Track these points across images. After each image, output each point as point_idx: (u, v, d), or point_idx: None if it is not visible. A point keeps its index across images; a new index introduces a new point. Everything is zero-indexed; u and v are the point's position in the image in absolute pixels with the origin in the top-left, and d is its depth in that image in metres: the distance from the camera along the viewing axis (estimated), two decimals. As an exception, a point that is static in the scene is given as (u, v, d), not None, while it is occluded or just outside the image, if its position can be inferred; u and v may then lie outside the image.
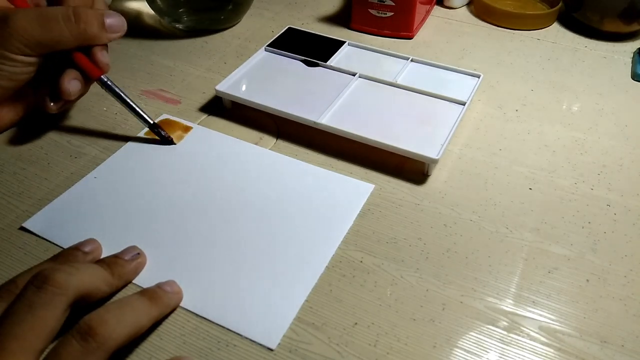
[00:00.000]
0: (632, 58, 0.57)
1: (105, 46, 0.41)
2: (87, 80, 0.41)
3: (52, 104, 0.40)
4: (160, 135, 0.43)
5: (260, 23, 0.62)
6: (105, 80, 0.41)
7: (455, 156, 0.44)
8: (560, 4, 0.63)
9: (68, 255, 0.33)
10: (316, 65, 0.51)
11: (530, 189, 0.41)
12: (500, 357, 0.30)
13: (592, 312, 0.33)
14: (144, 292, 0.31)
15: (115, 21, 0.39)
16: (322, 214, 0.38)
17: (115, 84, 0.41)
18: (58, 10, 0.38)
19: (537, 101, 0.51)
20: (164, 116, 0.47)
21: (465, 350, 0.31)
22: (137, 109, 0.42)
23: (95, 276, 0.30)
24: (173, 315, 0.32)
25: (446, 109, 0.46)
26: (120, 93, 0.41)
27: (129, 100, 0.42)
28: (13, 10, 0.37)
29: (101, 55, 0.40)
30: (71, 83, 0.39)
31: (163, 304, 0.31)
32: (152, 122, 0.43)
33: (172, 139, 0.43)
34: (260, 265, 0.35)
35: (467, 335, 0.31)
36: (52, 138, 0.45)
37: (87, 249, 0.34)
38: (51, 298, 0.27)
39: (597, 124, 0.48)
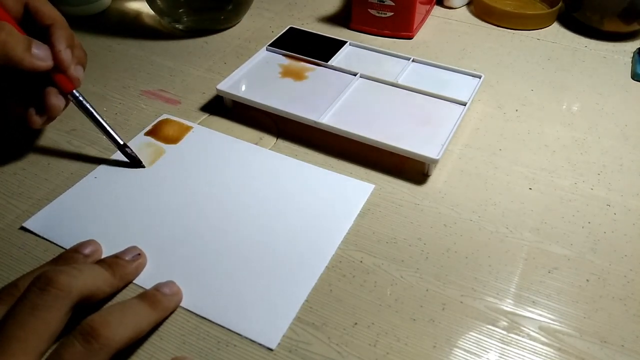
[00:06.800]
0: (632, 58, 0.57)
1: (79, 62, 0.40)
2: (64, 95, 0.40)
3: (38, 118, 0.39)
4: (130, 156, 0.42)
5: (260, 23, 0.62)
6: (77, 95, 0.40)
7: (456, 156, 0.44)
8: (560, 4, 0.63)
9: (68, 259, 0.33)
10: (317, 65, 0.51)
11: (530, 189, 0.41)
12: (500, 357, 0.30)
13: (592, 312, 0.33)
14: (144, 297, 0.31)
15: (40, 52, 0.38)
16: (322, 214, 0.38)
17: (87, 99, 0.40)
18: None
19: (537, 101, 0.51)
20: (164, 116, 0.47)
21: (465, 350, 0.31)
22: (108, 127, 0.41)
23: (97, 278, 0.30)
24: (173, 315, 0.32)
25: (447, 109, 0.46)
26: (91, 110, 0.40)
27: (99, 118, 0.41)
28: None
29: (74, 70, 0.39)
30: (58, 98, 0.39)
31: (162, 307, 0.31)
32: (121, 142, 0.41)
33: (141, 161, 0.42)
34: (260, 265, 0.35)
35: (467, 335, 0.31)
36: (52, 138, 0.45)
37: (87, 251, 0.34)
38: (54, 300, 0.27)
39: (597, 124, 0.48)
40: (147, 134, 0.45)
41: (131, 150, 0.42)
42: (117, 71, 0.53)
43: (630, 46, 0.60)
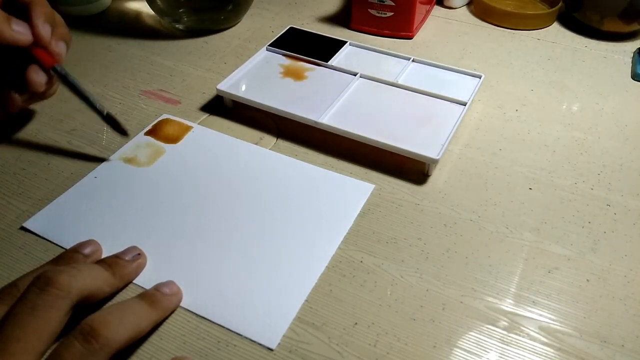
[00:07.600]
0: (632, 58, 0.57)
1: (61, 39, 0.40)
2: (48, 73, 0.40)
3: (18, 96, 0.39)
4: (117, 125, 0.42)
5: (260, 23, 0.62)
6: (60, 69, 0.40)
7: (456, 156, 0.44)
8: (560, 4, 0.63)
9: (69, 259, 0.33)
10: (317, 65, 0.51)
11: (530, 189, 0.41)
12: (500, 357, 0.30)
13: (592, 312, 0.33)
14: (143, 296, 0.31)
15: (19, 27, 0.38)
16: (322, 214, 0.38)
17: (69, 74, 0.40)
18: None
19: (537, 101, 0.51)
20: (164, 116, 0.47)
21: (465, 350, 0.31)
22: (91, 99, 0.41)
23: (97, 278, 0.30)
24: (173, 315, 0.32)
25: (447, 109, 0.46)
26: (74, 83, 0.40)
27: (82, 91, 0.41)
28: None
29: (55, 45, 0.39)
30: (38, 74, 0.39)
31: (162, 307, 0.31)
32: (105, 112, 0.41)
33: (126, 130, 0.42)
34: (260, 265, 0.35)
35: (467, 335, 0.31)
36: (52, 138, 0.45)
37: (87, 251, 0.34)
38: (54, 300, 0.27)
39: (597, 124, 0.48)
40: (147, 133, 0.45)
41: (116, 119, 0.42)
42: (117, 71, 0.53)
43: (630, 46, 0.60)
